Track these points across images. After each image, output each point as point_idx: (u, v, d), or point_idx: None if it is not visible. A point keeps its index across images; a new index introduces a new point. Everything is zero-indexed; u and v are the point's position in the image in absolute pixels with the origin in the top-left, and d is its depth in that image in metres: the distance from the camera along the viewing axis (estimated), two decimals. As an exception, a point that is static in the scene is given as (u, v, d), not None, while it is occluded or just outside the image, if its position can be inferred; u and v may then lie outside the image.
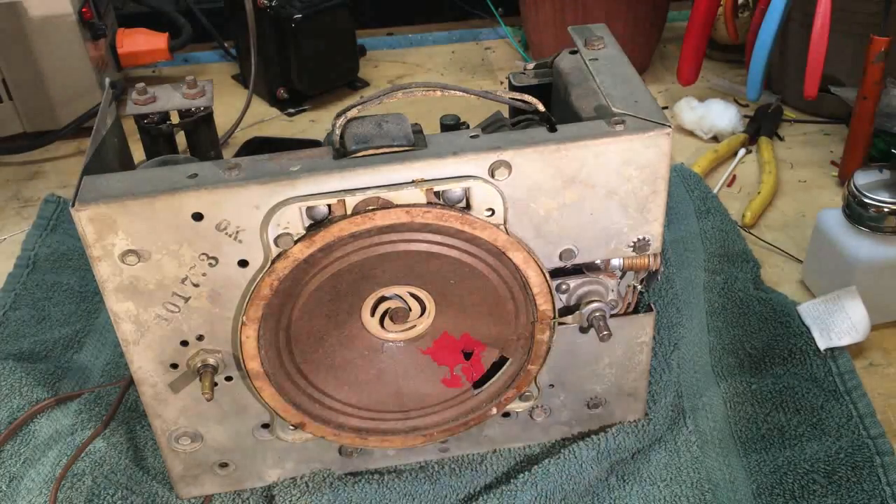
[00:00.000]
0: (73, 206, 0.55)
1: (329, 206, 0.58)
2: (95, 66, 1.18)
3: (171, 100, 0.73)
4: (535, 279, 0.63)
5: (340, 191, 0.58)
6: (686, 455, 0.74)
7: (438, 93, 0.62)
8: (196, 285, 0.60)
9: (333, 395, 0.67)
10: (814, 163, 1.12)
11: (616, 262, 0.66)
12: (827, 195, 1.07)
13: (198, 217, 0.57)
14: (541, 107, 0.65)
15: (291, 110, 1.29)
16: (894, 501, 0.68)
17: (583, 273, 0.66)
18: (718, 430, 0.76)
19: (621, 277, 0.68)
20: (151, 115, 0.73)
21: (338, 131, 0.60)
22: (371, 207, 0.58)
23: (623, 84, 0.65)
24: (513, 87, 0.76)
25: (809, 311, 0.83)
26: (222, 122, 1.00)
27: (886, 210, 0.81)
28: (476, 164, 0.59)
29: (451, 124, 0.73)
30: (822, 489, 0.70)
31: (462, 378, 0.68)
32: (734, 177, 1.11)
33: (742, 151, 1.13)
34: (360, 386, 0.67)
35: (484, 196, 0.60)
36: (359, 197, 0.58)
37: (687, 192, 1.03)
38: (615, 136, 0.59)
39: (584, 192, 0.61)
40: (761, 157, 1.11)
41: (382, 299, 0.65)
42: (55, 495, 0.70)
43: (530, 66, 0.78)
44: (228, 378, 0.66)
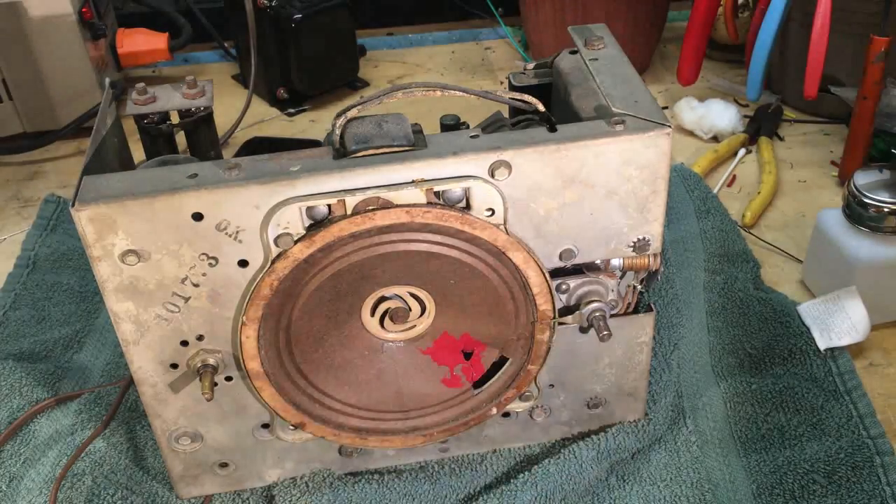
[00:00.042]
0: (73, 206, 0.55)
1: (329, 206, 0.58)
2: (95, 66, 1.18)
3: (171, 100, 0.73)
4: (535, 279, 0.63)
5: (340, 191, 0.58)
6: (686, 455, 0.74)
7: (438, 93, 0.62)
8: (196, 285, 0.60)
9: (333, 395, 0.67)
10: (814, 163, 1.12)
11: (616, 262, 0.66)
12: (827, 195, 1.07)
13: (198, 217, 0.57)
14: (541, 107, 0.65)
15: (291, 110, 1.28)
16: (894, 501, 0.68)
17: (583, 273, 0.66)
18: (718, 430, 0.76)
19: (621, 277, 0.68)
20: (151, 115, 0.73)
21: (338, 131, 0.60)
22: (371, 207, 0.58)
23: (623, 84, 0.65)
24: (513, 87, 0.76)
25: (809, 311, 0.83)
26: (222, 122, 1.00)
27: (886, 210, 0.81)
28: (476, 164, 0.59)
29: (451, 124, 0.73)
30: (822, 489, 0.70)
31: (462, 378, 0.68)
32: (734, 177, 1.11)
33: (742, 151, 1.13)
34: (360, 386, 0.67)
35: (484, 196, 0.60)
36: (359, 197, 0.58)
37: (687, 192, 1.03)
38: (615, 136, 0.59)
39: (584, 192, 0.61)
40: (761, 157, 1.11)
41: (382, 299, 0.65)
42: (55, 495, 0.70)
43: (530, 66, 0.78)
44: (228, 378, 0.66)
